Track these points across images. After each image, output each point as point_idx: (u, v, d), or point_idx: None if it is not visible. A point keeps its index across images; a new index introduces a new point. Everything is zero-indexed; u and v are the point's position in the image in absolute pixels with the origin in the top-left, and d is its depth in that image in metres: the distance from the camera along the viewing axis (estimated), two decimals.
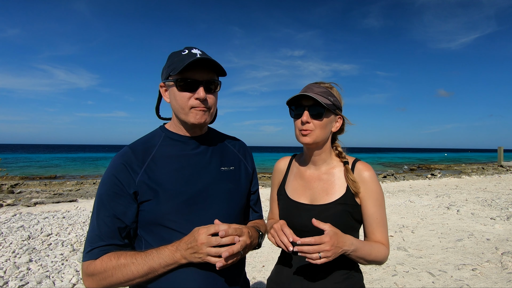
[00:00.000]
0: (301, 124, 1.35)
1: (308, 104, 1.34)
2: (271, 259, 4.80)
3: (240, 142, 1.50)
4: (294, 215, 1.41)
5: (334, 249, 1.16)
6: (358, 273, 1.43)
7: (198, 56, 1.19)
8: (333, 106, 1.36)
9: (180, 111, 1.23)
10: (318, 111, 1.33)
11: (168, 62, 1.25)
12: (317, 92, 1.34)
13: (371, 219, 1.37)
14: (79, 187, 15.81)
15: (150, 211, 1.18)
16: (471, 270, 4.26)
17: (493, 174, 20.12)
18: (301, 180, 1.47)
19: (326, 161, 1.44)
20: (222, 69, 1.24)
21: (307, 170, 1.47)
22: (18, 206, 9.35)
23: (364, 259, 1.30)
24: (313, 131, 1.34)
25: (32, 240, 5.67)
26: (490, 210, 8.01)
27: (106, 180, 1.19)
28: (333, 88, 1.42)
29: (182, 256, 1.10)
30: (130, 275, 1.11)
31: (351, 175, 1.37)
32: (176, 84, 1.21)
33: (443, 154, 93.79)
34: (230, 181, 1.33)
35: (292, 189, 1.47)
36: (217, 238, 1.06)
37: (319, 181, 1.43)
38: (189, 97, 1.21)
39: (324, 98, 1.33)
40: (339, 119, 1.43)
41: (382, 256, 1.34)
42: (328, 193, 1.39)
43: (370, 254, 1.30)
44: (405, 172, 27.02)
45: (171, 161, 1.25)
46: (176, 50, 1.27)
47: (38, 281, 3.96)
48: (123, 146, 1.30)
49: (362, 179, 1.37)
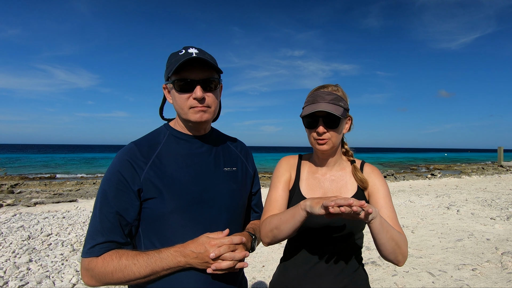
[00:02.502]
0: (317, 135, 1.35)
1: (322, 114, 1.33)
2: (271, 259, 4.80)
3: (241, 143, 1.51)
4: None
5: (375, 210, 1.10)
6: (364, 273, 1.43)
7: (193, 55, 1.18)
8: (345, 111, 1.36)
9: (180, 111, 1.24)
10: (333, 121, 1.33)
11: (167, 63, 1.25)
12: (328, 100, 1.33)
13: (381, 211, 1.35)
14: (79, 187, 15.81)
15: (153, 209, 1.18)
16: (471, 270, 4.26)
17: (493, 174, 20.13)
18: (313, 180, 1.47)
19: (337, 161, 1.46)
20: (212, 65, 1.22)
21: (319, 171, 1.47)
22: (18, 206, 9.35)
23: (386, 236, 1.17)
24: (329, 139, 1.35)
25: (32, 240, 5.67)
26: (490, 210, 8.01)
27: (110, 176, 1.18)
28: (339, 89, 1.41)
29: (187, 263, 1.11)
30: (131, 275, 1.11)
31: (359, 172, 1.41)
32: (174, 85, 1.21)
33: (443, 154, 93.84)
34: (232, 182, 1.34)
35: (306, 188, 1.45)
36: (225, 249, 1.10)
37: (331, 181, 1.44)
38: (188, 97, 1.21)
39: (337, 107, 1.32)
40: (348, 120, 1.44)
41: (402, 241, 1.23)
42: (341, 192, 1.41)
43: (392, 233, 1.19)
44: (405, 172, 27.01)
45: (176, 159, 1.25)
46: (175, 51, 1.27)
47: (38, 281, 3.96)
48: (123, 146, 1.30)
49: (369, 175, 1.42)
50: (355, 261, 1.39)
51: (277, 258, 4.77)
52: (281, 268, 1.48)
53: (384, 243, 1.18)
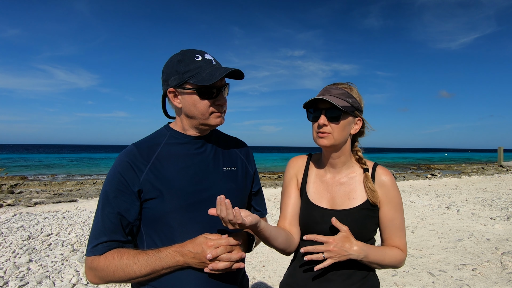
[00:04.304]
0: (318, 127, 1.33)
1: (325, 107, 1.30)
2: (271, 259, 4.80)
3: (242, 143, 1.52)
4: (316, 220, 1.37)
5: (338, 251, 1.18)
6: (375, 279, 1.41)
7: (213, 63, 1.25)
8: (351, 107, 1.31)
9: (201, 116, 1.25)
10: (335, 113, 1.29)
11: (181, 68, 1.22)
12: (334, 94, 1.31)
13: (391, 224, 1.36)
14: (79, 187, 15.81)
15: (153, 209, 1.21)
16: (471, 270, 4.26)
17: (493, 174, 20.13)
18: (321, 183, 1.43)
19: (345, 164, 1.40)
20: (241, 75, 1.30)
21: (327, 174, 1.43)
22: (18, 206, 9.35)
23: (378, 264, 1.31)
24: (330, 133, 1.31)
25: (32, 240, 5.67)
26: (490, 210, 8.01)
27: (111, 177, 1.22)
28: (353, 88, 1.37)
29: (185, 262, 1.14)
30: (132, 274, 1.14)
31: (371, 184, 1.35)
32: (199, 93, 1.22)
33: (443, 154, 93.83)
34: (232, 181, 1.35)
35: (312, 192, 1.42)
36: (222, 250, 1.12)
37: (339, 185, 1.39)
38: (210, 103, 1.24)
39: (342, 100, 1.29)
40: (358, 121, 1.38)
41: (397, 261, 1.35)
42: (350, 198, 1.36)
43: (384, 260, 1.31)
44: (405, 172, 27.01)
45: (175, 160, 1.27)
46: (181, 54, 1.25)
47: (38, 281, 3.96)
48: (123, 146, 1.30)
49: (382, 183, 1.36)
50: (365, 267, 1.34)
51: (277, 258, 4.77)
52: (291, 270, 1.47)
53: (379, 268, 1.35)
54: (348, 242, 1.22)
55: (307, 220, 1.39)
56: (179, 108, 1.29)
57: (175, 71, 1.24)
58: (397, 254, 1.35)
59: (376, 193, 1.34)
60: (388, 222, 1.36)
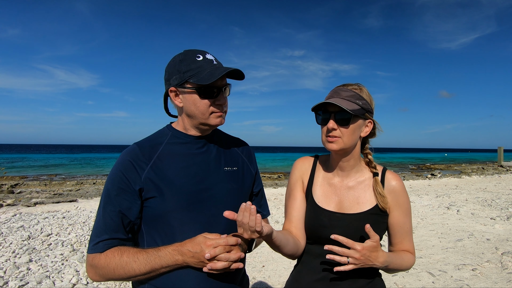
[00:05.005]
0: (327, 131, 1.29)
1: (334, 110, 1.27)
2: (271, 259, 4.80)
3: (243, 143, 1.52)
4: (323, 223, 1.33)
5: (364, 260, 1.17)
6: (381, 280, 1.41)
7: (214, 62, 1.25)
8: (362, 110, 1.27)
9: (201, 116, 1.26)
10: (345, 117, 1.25)
11: (182, 67, 1.23)
12: (343, 96, 1.27)
13: (401, 229, 1.35)
14: (79, 187, 15.81)
15: (154, 208, 1.22)
16: (471, 270, 4.26)
17: (493, 174, 20.14)
18: (328, 186, 1.39)
19: (354, 167, 1.37)
20: (242, 76, 1.30)
21: (335, 177, 1.40)
22: (18, 206, 9.35)
23: (395, 270, 1.33)
24: (340, 138, 1.27)
25: (32, 240, 5.67)
26: (490, 210, 8.01)
27: (113, 176, 1.23)
28: (363, 89, 1.33)
29: (184, 261, 1.14)
30: (132, 272, 1.15)
31: (381, 188, 1.32)
32: (199, 92, 1.23)
33: (443, 154, 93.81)
34: (233, 181, 1.35)
35: (319, 194, 1.39)
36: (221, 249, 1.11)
37: (348, 189, 1.36)
38: (210, 103, 1.24)
39: (351, 103, 1.26)
40: (369, 123, 1.34)
41: (410, 265, 1.37)
42: (358, 202, 1.33)
43: (401, 266, 1.33)
44: (405, 172, 27.00)
45: (177, 159, 1.27)
46: (183, 54, 1.26)
47: (38, 281, 3.96)
48: (123, 146, 1.31)
49: (392, 189, 1.34)
50: (371, 271, 1.32)
51: (277, 258, 4.77)
52: (294, 274, 1.45)
53: (392, 272, 1.38)
54: (375, 252, 1.19)
55: (314, 223, 1.36)
56: (180, 107, 1.29)
57: (176, 71, 1.24)
58: (410, 258, 1.36)
59: (385, 199, 1.32)
60: (399, 228, 1.35)
